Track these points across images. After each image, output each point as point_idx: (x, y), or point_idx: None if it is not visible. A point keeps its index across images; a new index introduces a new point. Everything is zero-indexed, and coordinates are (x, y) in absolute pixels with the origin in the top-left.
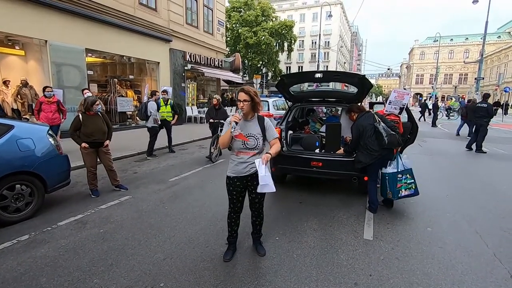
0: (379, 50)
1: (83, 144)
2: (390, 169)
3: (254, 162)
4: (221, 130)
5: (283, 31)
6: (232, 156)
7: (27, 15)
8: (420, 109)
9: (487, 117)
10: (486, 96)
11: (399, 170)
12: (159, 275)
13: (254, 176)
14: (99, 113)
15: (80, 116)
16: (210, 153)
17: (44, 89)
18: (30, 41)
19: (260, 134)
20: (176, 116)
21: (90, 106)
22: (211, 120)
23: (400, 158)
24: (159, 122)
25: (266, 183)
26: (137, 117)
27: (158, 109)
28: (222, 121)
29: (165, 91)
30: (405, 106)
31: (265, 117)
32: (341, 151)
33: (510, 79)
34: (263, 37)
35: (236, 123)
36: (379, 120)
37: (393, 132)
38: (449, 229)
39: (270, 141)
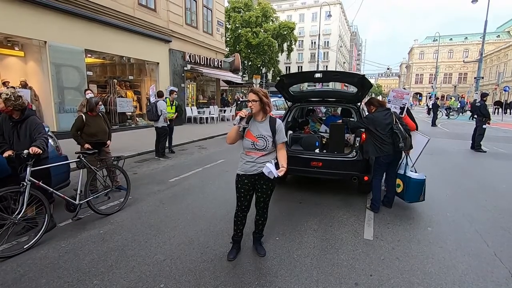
0: (378, 49)
1: (86, 145)
2: (419, 174)
3: (262, 163)
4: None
5: (285, 32)
6: (242, 154)
7: (26, 16)
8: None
9: None
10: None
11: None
12: (159, 276)
13: (262, 175)
14: (100, 113)
15: (84, 116)
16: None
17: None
18: (30, 42)
19: (270, 136)
20: (176, 114)
21: (94, 106)
22: (9, 153)
23: (409, 159)
24: (168, 122)
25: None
26: (147, 118)
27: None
28: (26, 153)
29: (173, 91)
30: (405, 106)
31: (277, 119)
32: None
33: (509, 78)
34: (266, 39)
35: (241, 117)
36: (397, 121)
37: (407, 135)
38: (449, 229)
39: (278, 144)
